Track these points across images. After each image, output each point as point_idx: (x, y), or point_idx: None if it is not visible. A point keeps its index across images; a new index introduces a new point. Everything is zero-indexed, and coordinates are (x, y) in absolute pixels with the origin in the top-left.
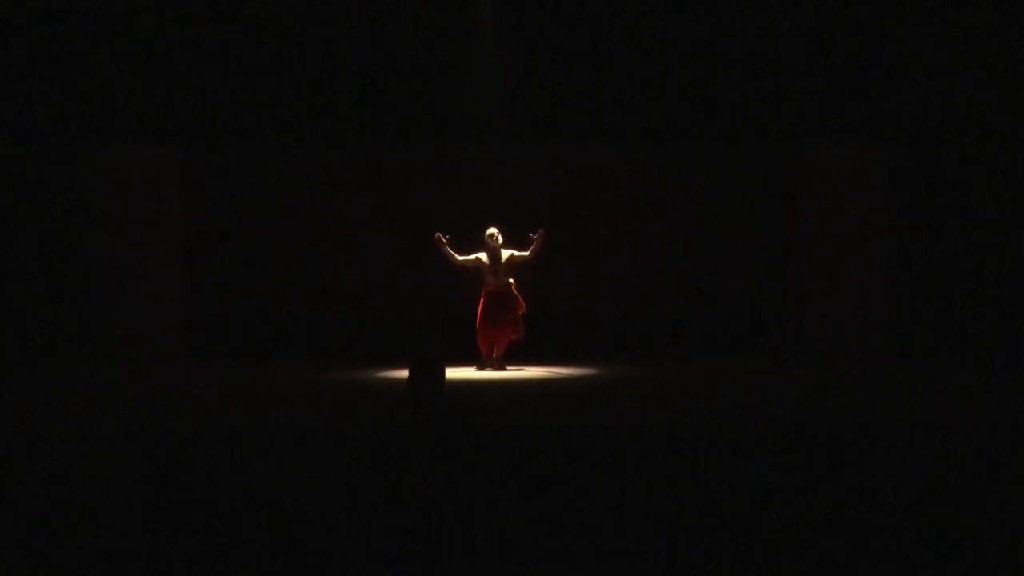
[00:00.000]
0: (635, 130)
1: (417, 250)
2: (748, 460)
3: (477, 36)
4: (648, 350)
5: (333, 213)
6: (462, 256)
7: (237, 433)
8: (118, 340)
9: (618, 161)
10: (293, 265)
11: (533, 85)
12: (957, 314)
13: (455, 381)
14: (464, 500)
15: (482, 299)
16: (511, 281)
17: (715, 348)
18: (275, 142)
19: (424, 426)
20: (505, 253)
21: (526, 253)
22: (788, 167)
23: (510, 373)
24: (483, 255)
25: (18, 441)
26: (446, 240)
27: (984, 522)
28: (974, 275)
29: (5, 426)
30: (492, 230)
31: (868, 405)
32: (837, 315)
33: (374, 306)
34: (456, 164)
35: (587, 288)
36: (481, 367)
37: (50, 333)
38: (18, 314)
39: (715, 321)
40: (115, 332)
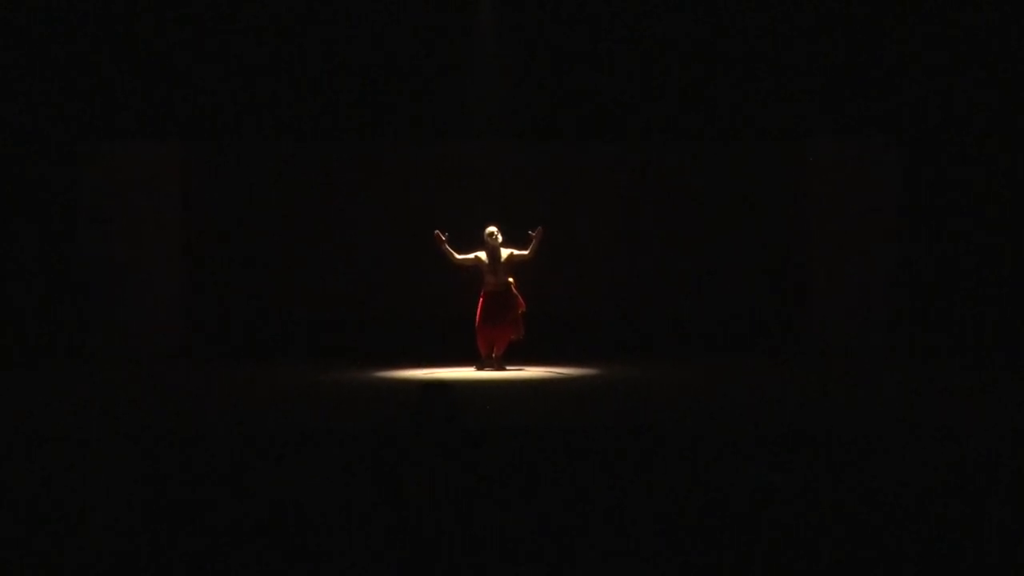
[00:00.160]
0: (635, 130)
1: (417, 250)
2: (748, 460)
3: (477, 36)
4: (648, 350)
5: (333, 213)
6: (461, 255)
7: (237, 433)
8: (117, 340)
9: (618, 161)
10: (293, 265)
11: (533, 85)
12: (958, 314)
13: (455, 381)
14: (464, 500)
15: (481, 299)
16: (511, 280)
17: (715, 348)
18: (275, 141)
19: (424, 427)
20: (504, 252)
21: (526, 252)
22: (788, 167)
23: (510, 373)
24: (482, 254)
25: (18, 441)
26: (445, 238)
27: (984, 523)
28: (975, 275)
29: (5, 426)
30: (491, 229)
31: (868, 405)
32: (838, 315)
33: (374, 306)
34: (456, 163)
35: (587, 288)
36: (481, 367)
37: (49, 333)
38: (17, 314)
39: (715, 321)
40: (115, 332)
